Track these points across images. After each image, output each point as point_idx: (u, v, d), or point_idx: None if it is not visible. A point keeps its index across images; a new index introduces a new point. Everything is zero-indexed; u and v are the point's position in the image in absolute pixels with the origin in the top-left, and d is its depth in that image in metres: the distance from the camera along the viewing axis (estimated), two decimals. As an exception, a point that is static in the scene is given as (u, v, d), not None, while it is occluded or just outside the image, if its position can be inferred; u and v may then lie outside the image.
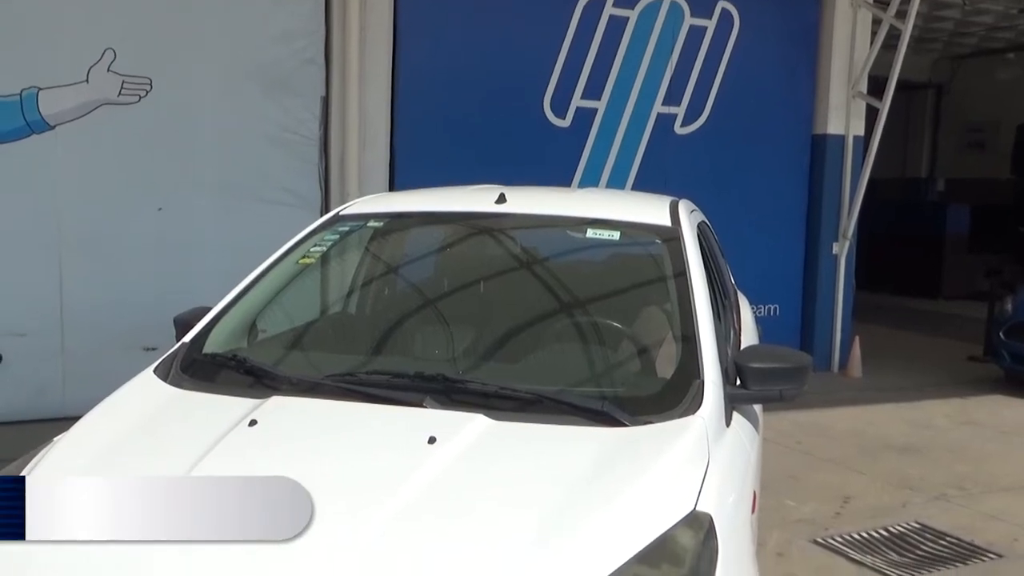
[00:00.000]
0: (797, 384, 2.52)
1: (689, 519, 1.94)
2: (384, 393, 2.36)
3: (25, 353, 5.66)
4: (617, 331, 2.91)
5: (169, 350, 2.77)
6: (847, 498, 4.94)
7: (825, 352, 8.21)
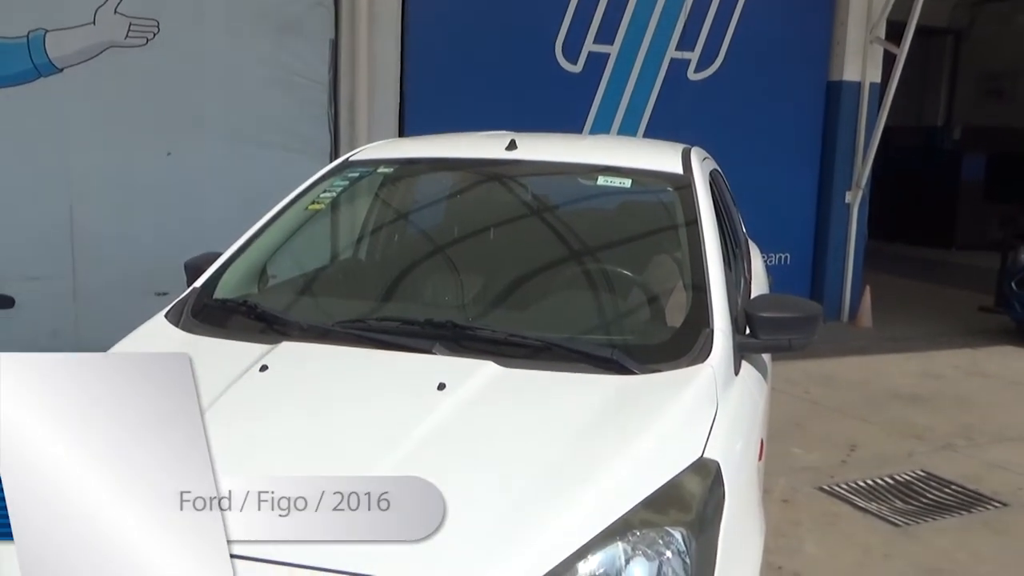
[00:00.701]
0: (807, 334, 2.51)
1: (696, 466, 1.95)
2: (394, 340, 2.37)
3: (38, 297, 5.70)
4: (627, 279, 2.90)
5: (180, 295, 2.78)
6: (853, 446, 4.98)
7: (835, 302, 8.19)
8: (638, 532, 1.75)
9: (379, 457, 1.88)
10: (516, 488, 1.82)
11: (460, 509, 1.76)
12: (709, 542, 1.83)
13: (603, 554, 1.70)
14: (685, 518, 1.82)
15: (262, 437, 2.03)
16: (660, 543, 1.75)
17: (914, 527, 3.98)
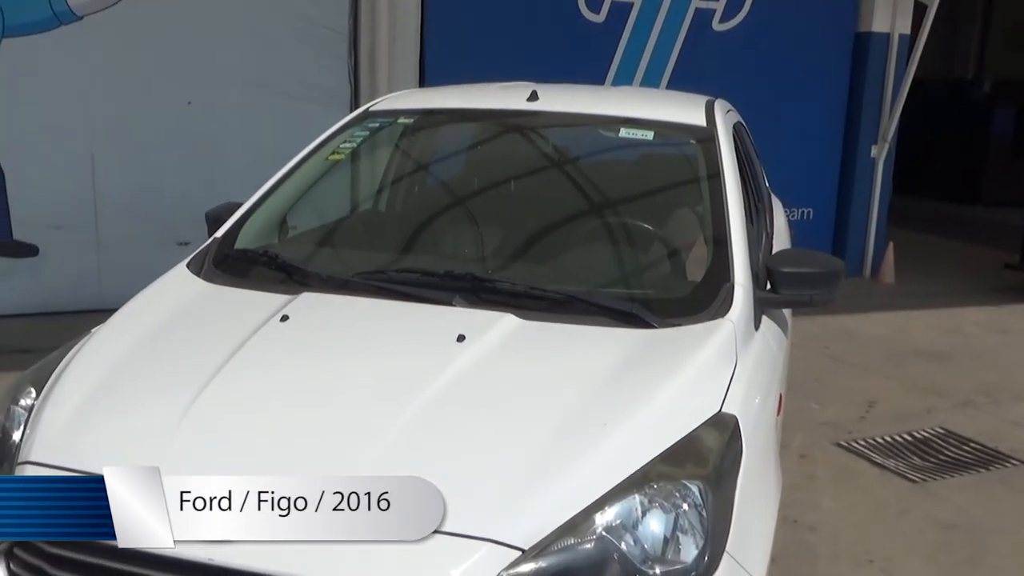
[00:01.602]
0: (828, 290, 2.50)
1: (714, 420, 1.95)
2: (413, 291, 2.38)
3: (62, 246, 5.75)
4: (648, 233, 2.88)
5: (201, 245, 2.80)
6: (872, 402, 4.97)
7: (858, 257, 8.12)
8: (655, 485, 1.76)
9: (399, 408, 1.90)
10: (534, 440, 1.83)
11: (478, 460, 1.78)
12: (726, 496, 1.84)
13: (620, 506, 1.72)
14: (702, 472, 1.83)
15: (284, 386, 2.05)
16: (677, 496, 1.76)
17: (931, 484, 3.99)
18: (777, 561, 2.07)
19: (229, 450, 1.83)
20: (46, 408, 2.01)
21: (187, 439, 1.85)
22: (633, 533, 1.71)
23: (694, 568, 1.72)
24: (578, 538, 1.67)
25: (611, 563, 1.67)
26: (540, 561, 1.63)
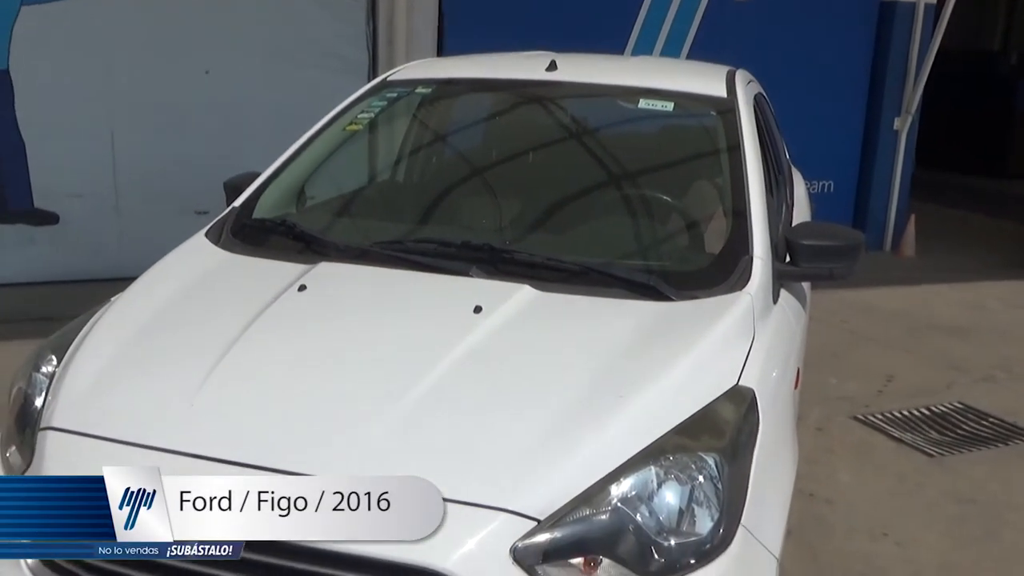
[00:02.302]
0: (848, 263, 2.48)
1: (731, 393, 1.95)
2: (431, 262, 2.38)
3: (81, 214, 5.79)
4: (666, 204, 2.87)
5: (220, 214, 2.81)
6: (890, 377, 4.94)
7: (878, 231, 8.04)
8: (671, 457, 1.76)
9: (416, 378, 1.90)
10: (551, 410, 1.84)
11: (494, 431, 1.79)
12: (742, 468, 1.84)
13: (635, 477, 1.72)
14: (718, 444, 1.83)
15: (301, 355, 2.06)
16: (693, 468, 1.77)
17: (948, 458, 3.97)
18: (792, 534, 2.07)
19: (247, 418, 1.85)
20: (67, 375, 2.03)
21: (206, 407, 1.87)
22: (648, 504, 1.71)
23: (709, 540, 1.72)
24: (593, 509, 1.68)
25: (626, 534, 1.68)
26: (555, 531, 1.64)
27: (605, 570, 1.67)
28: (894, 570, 3.11)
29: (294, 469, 1.70)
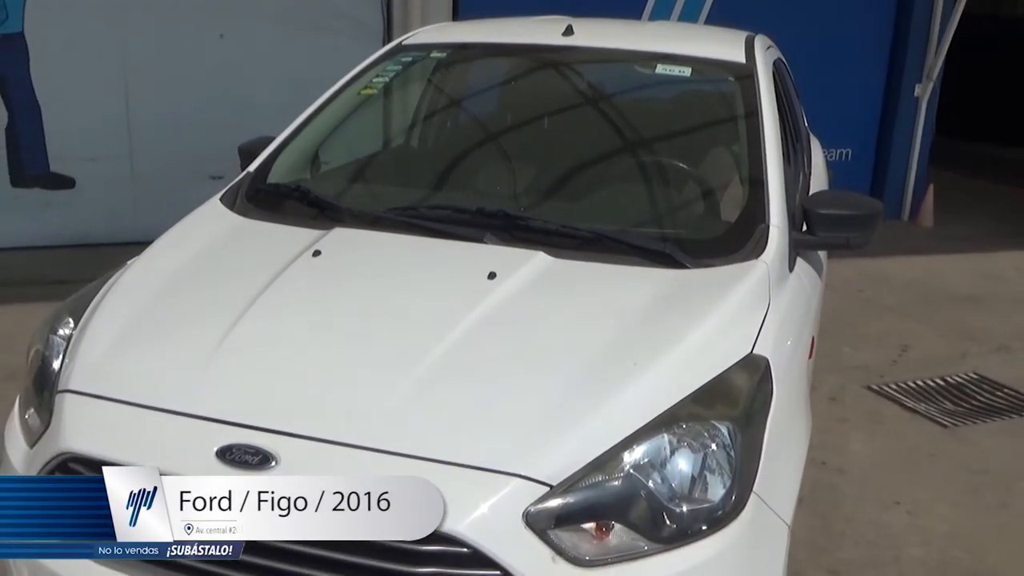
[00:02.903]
0: (866, 232, 2.46)
1: (745, 362, 1.95)
2: (445, 228, 2.37)
3: (97, 178, 5.80)
4: (683, 172, 2.85)
5: (234, 179, 2.81)
6: (905, 347, 4.93)
7: (896, 199, 7.96)
8: (684, 425, 1.76)
9: (429, 344, 1.91)
10: (564, 378, 1.84)
11: (508, 396, 1.79)
12: (755, 437, 1.84)
13: (649, 445, 1.72)
14: (731, 413, 1.83)
15: (315, 321, 2.07)
16: (705, 436, 1.77)
17: (962, 428, 3.97)
18: (804, 502, 2.08)
19: (262, 383, 1.86)
20: (84, 338, 2.05)
21: (220, 371, 1.88)
22: (661, 471, 1.72)
23: (721, 507, 1.73)
24: (606, 475, 1.68)
25: (638, 500, 1.69)
26: (568, 497, 1.65)
27: (617, 535, 1.68)
28: (905, 539, 3.12)
29: (309, 433, 1.71)
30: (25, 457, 1.93)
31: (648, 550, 1.67)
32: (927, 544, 3.09)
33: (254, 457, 1.68)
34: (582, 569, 1.63)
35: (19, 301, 4.73)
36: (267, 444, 1.69)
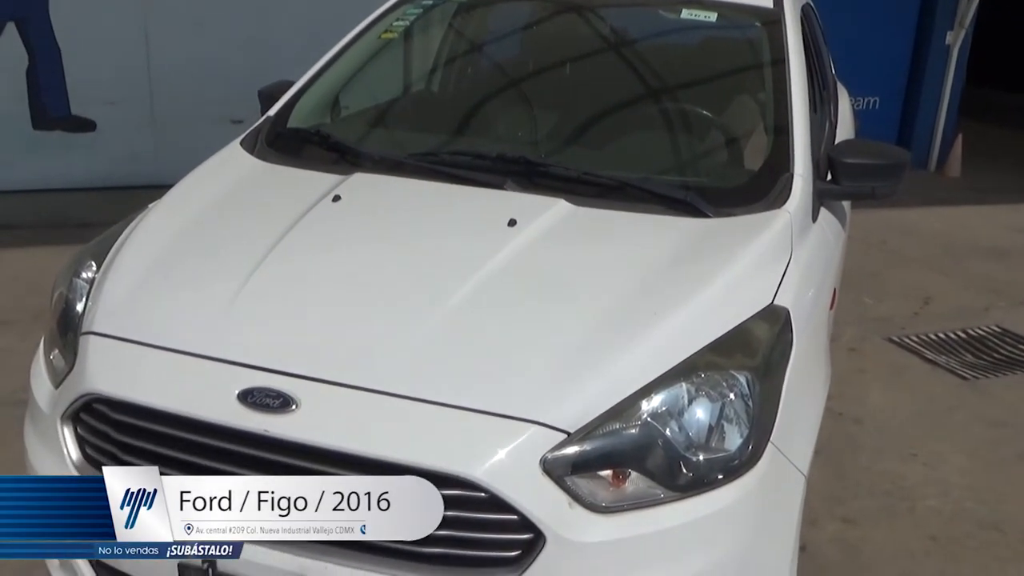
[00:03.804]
0: (892, 182, 2.42)
1: (766, 312, 1.94)
2: (465, 174, 2.36)
3: (117, 121, 5.81)
4: (706, 119, 2.80)
5: (254, 123, 2.79)
6: (928, 299, 4.89)
7: (923, 149, 7.84)
8: (703, 374, 1.76)
9: (448, 291, 1.91)
10: (583, 325, 1.84)
11: (527, 344, 1.80)
12: (773, 387, 1.84)
13: (667, 393, 1.73)
14: (750, 363, 1.82)
15: (335, 266, 2.07)
16: (724, 386, 1.77)
17: (983, 381, 3.95)
18: (820, 453, 2.08)
19: (282, 327, 1.87)
20: (107, 281, 2.06)
21: (241, 314, 1.89)
22: (678, 420, 1.72)
23: (737, 456, 1.74)
24: (623, 423, 1.69)
25: (655, 448, 1.69)
26: (585, 444, 1.66)
27: (633, 483, 1.69)
28: (921, 490, 3.13)
29: (329, 378, 1.72)
30: (50, 397, 1.96)
31: (664, 498, 1.68)
32: (943, 495, 3.10)
33: (275, 400, 1.69)
34: (598, 515, 1.64)
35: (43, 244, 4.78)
36: (288, 388, 1.70)
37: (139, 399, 1.76)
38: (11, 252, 4.78)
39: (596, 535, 1.62)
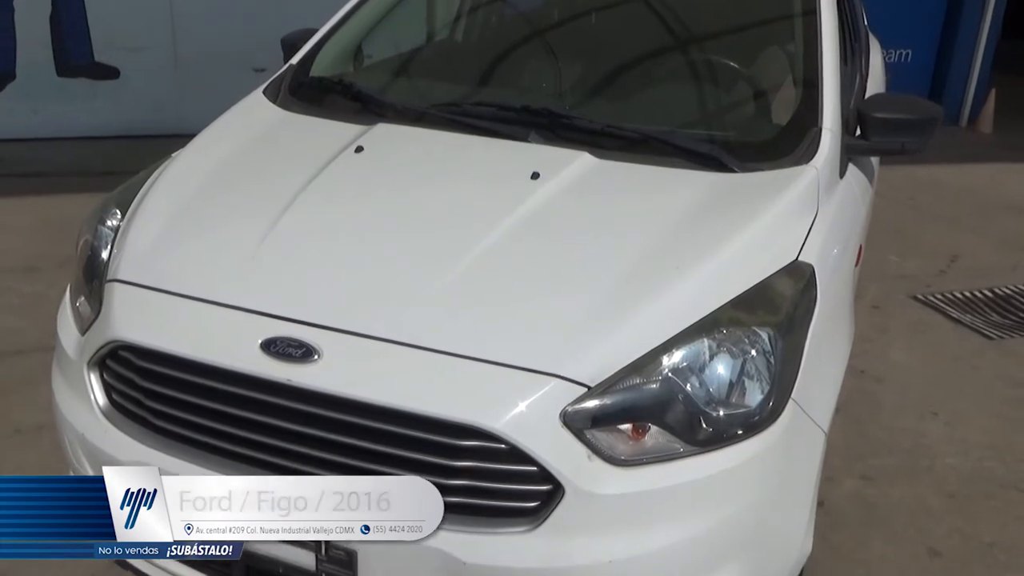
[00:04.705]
0: (922, 137, 2.38)
1: (790, 268, 1.92)
2: (489, 125, 2.34)
3: (141, 68, 5.80)
4: (734, 71, 2.76)
5: (277, 72, 2.78)
6: (955, 257, 4.83)
7: (955, 104, 7.69)
8: (725, 330, 1.76)
9: (470, 243, 1.90)
10: (605, 279, 1.83)
11: (549, 297, 1.79)
12: (796, 344, 1.83)
13: (688, 349, 1.72)
14: (773, 319, 1.81)
15: (357, 216, 2.07)
16: (746, 342, 1.76)
17: (1008, 341, 3.91)
18: (841, 410, 2.08)
19: (305, 277, 1.88)
20: (131, 229, 2.08)
21: (265, 264, 1.90)
22: (699, 376, 1.72)
23: (758, 412, 1.74)
24: (644, 378, 1.69)
25: (675, 403, 1.70)
26: (605, 398, 1.66)
27: (653, 437, 1.70)
28: (941, 448, 3.12)
29: (351, 328, 1.73)
30: (77, 344, 1.99)
31: (683, 452, 1.69)
32: (963, 454, 3.10)
33: (298, 350, 1.70)
34: (617, 468, 1.65)
35: (67, 191, 4.81)
36: (311, 338, 1.72)
37: (163, 347, 1.78)
38: (37, 199, 4.83)
39: (614, 487, 1.63)
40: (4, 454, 2.81)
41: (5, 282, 3.92)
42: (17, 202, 4.78)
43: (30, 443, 2.86)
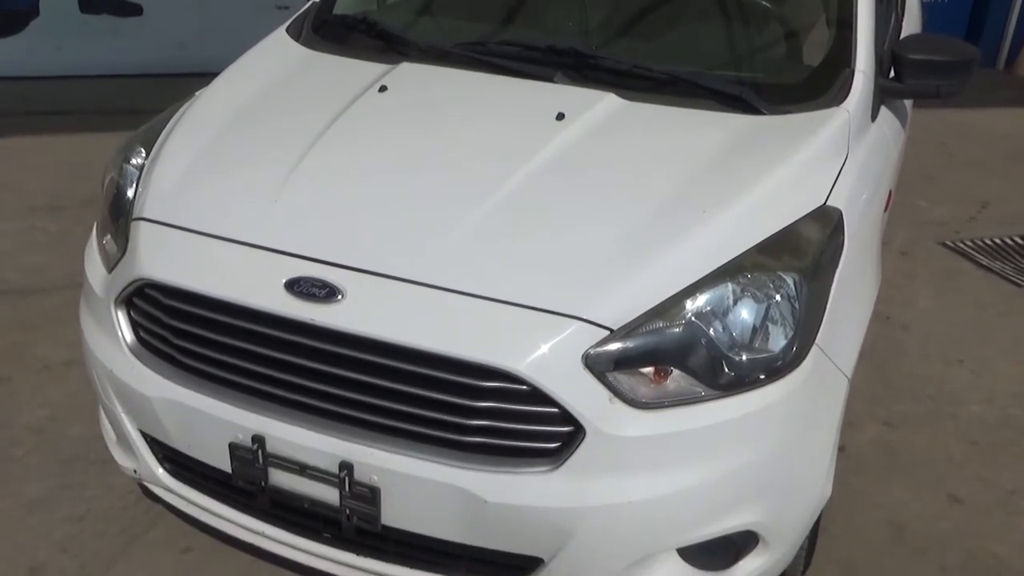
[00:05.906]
0: (958, 80, 2.32)
1: (818, 213, 1.90)
2: (514, 65, 2.31)
3: (164, 6, 5.76)
4: (764, 11, 2.69)
5: (300, 9, 2.75)
6: (985, 203, 4.76)
7: (993, 46, 7.49)
8: (749, 275, 1.74)
9: (495, 184, 1.89)
10: (630, 222, 1.81)
11: (573, 238, 1.79)
12: (821, 289, 1.82)
13: (712, 293, 1.71)
14: (799, 264, 1.79)
15: (381, 156, 2.06)
16: (771, 287, 1.75)
17: (1037, 289, 3.87)
18: (865, 356, 2.06)
19: (329, 217, 1.87)
20: (156, 168, 2.08)
21: (289, 203, 1.90)
22: (723, 320, 1.71)
23: (781, 357, 1.73)
24: (667, 321, 1.69)
25: (698, 347, 1.69)
26: (627, 341, 1.66)
27: (675, 380, 1.70)
28: (966, 395, 3.11)
29: (375, 269, 1.73)
30: (104, 282, 2.01)
31: (705, 395, 1.69)
32: (988, 402, 3.08)
33: (321, 290, 1.71)
34: (638, 411, 1.66)
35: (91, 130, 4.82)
36: (334, 278, 1.72)
37: (189, 285, 1.79)
38: (61, 138, 4.84)
39: (635, 430, 1.64)
40: (36, 389, 2.87)
41: (30, 220, 3.96)
42: (41, 140, 4.80)
43: (59, 378, 2.91)
